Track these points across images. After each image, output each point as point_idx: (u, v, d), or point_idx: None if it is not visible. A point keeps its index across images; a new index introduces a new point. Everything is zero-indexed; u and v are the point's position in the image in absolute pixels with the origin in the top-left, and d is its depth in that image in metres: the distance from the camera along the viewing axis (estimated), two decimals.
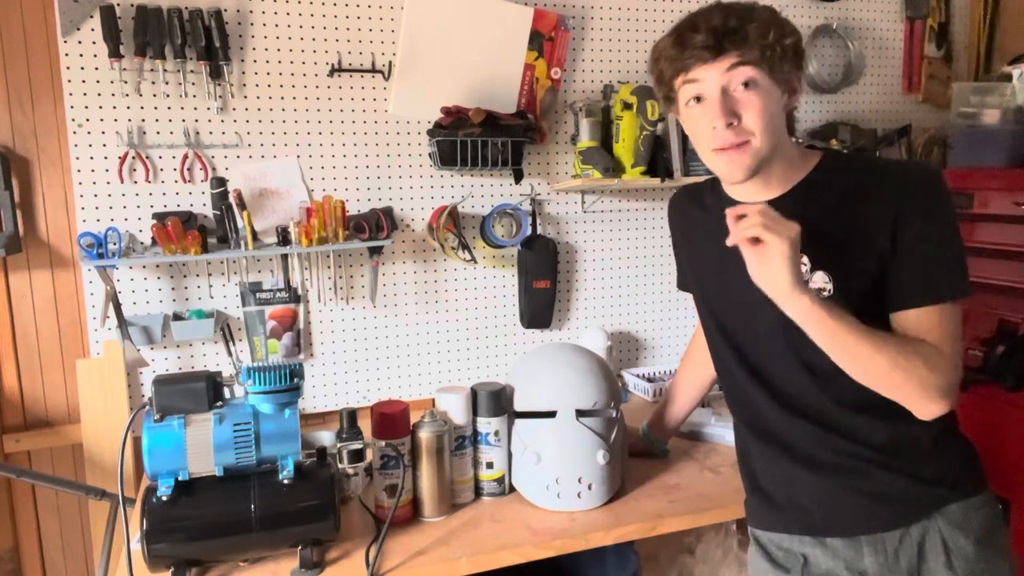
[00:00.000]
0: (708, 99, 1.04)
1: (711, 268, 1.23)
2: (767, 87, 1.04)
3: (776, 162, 1.08)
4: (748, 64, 1.02)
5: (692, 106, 1.07)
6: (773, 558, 1.17)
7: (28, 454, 1.80)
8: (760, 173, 1.07)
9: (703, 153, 1.10)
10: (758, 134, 1.03)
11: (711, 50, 1.01)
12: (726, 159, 1.05)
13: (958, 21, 2.51)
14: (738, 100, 1.03)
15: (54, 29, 1.68)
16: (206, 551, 1.20)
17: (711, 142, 1.06)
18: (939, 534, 1.08)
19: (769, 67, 1.03)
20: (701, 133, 1.07)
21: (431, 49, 1.93)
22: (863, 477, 1.10)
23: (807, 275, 1.07)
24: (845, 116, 2.39)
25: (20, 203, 1.73)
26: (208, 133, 1.80)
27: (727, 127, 1.03)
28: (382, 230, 1.86)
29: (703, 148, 1.09)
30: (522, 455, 1.44)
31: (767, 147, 1.04)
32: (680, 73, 1.06)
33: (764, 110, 1.03)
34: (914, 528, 1.08)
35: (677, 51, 1.05)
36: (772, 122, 1.04)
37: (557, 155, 2.11)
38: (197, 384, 1.19)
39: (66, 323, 1.79)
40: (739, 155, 1.04)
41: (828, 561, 1.11)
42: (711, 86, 1.03)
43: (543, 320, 2.11)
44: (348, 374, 1.98)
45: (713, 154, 1.07)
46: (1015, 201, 1.93)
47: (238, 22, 1.80)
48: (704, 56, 1.02)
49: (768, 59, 1.02)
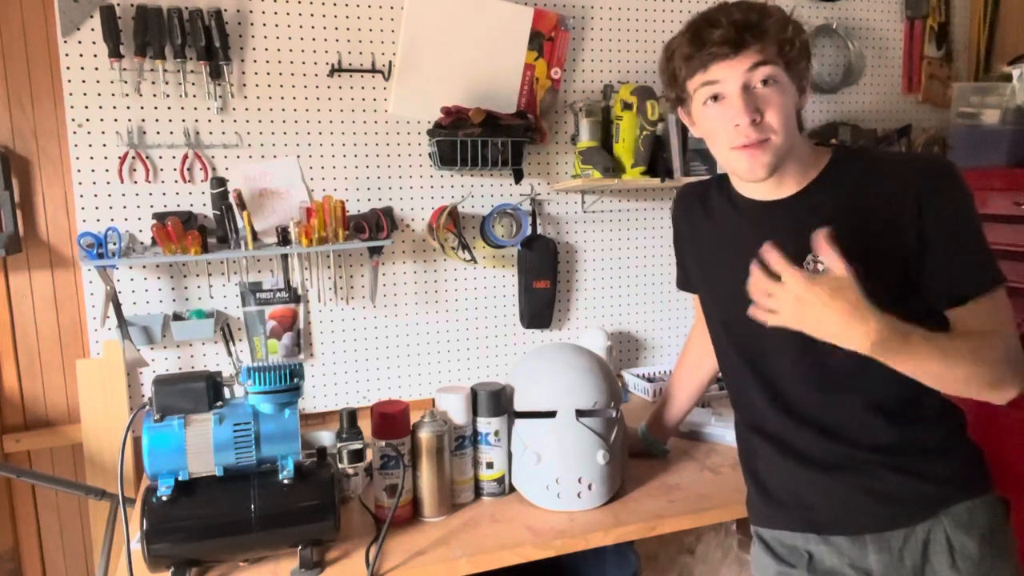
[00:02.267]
0: (729, 97, 1.03)
1: (716, 267, 1.23)
2: (786, 84, 1.04)
3: (790, 160, 1.08)
4: (769, 63, 1.01)
5: (710, 106, 1.06)
6: (777, 554, 1.17)
7: (28, 454, 1.80)
8: (775, 171, 1.07)
9: (721, 152, 1.09)
10: (779, 131, 1.03)
11: (731, 44, 1.00)
12: (747, 156, 1.04)
13: (958, 21, 2.51)
14: (759, 97, 1.02)
15: (54, 29, 1.68)
16: (206, 551, 1.20)
17: (732, 140, 1.04)
18: (944, 534, 1.07)
19: (786, 64, 1.03)
20: (720, 131, 1.06)
21: (431, 49, 1.93)
22: (871, 477, 1.09)
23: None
24: (845, 116, 2.39)
25: (20, 203, 1.73)
26: (208, 133, 1.80)
27: (751, 124, 1.02)
28: (382, 230, 1.86)
29: (721, 147, 1.08)
30: (522, 455, 1.44)
31: (786, 145, 1.04)
32: (697, 72, 1.04)
33: (784, 107, 1.03)
34: (919, 527, 1.08)
35: (694, 48, 1.03)
36: (790, 119, 1.04)
37: (557, 155, 2.11)
38: (197, 384, 1.19)
39: (66, 323, 1.79)
40: (760, 153, 1.04)
41: (833, 559, 1.11)
42: (732, 84, 1.02)
43: (543, 320, 2.11)
44: (348, 374, 1.98)
45: (734, 152, 1.06)
46: (1015, 201, 1.93)
47: (238, 22, 1.80)
48: (724, 51, 1.01)
49: (786, 55, 1.02)
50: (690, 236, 1.32)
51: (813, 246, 0.94)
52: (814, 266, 1.06)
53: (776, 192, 1.11)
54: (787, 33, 1.02)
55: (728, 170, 1.13)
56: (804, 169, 1.10)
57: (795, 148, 1.07)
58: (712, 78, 1.03)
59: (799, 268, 0.92)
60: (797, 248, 1.08)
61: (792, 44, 1.02)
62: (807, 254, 1.07)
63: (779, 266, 0.92)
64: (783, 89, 1.03)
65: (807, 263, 1.08)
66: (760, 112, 1.02)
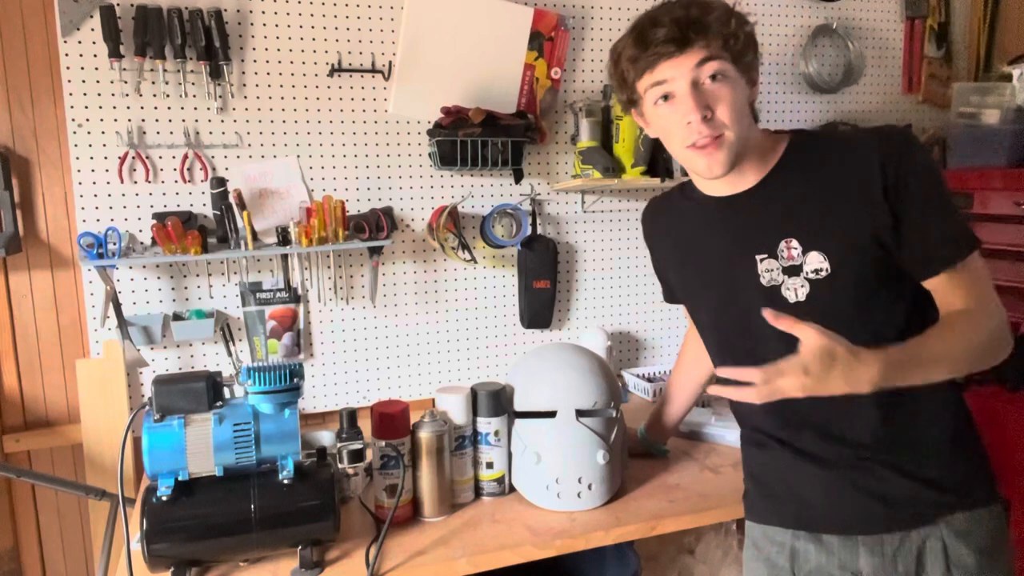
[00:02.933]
0: (679, 95, 1.03)
1: (693, 271, 1.23)
2: (734, 78, 1.04)
3: (748, 152, 1.08)
4: (715, 58, 1.01)
5: (660, 105, 1.06)
6: (766, 556, 1.17)
7: (28, 454, 1.80)
8: (734, 166, 1.07)
9: (677, 151, 1.09)
10: (731, 126, 1.03)
11: (676, 43, 1.00)
12: (704, 155, 1.04)
13: (958, 21, 2.51)
14: (709, 93, 1.02)
15: (54, 29, 1.68)
16: (206, 551, 1.20)
17: (686, 138, 1.05)
18: (941, 542, 1.06)
19: (733, 57, 1.03)
20: (673, 131, 1.06)
21: (431, 49, 1.93)
22: (869, 475, 1.08)
23: (799, 258, 1.06)
24: (845, 116, 2.39)
25: (20, 203, 1.73)
26: (208, 133, 1.80)
27: (703, 120, 1.02)
28: (382, 230, 1.86)
29: (677, 146, 1.08)
30: (522, 455, 1.44)
31: (741, 138, 1.04)
32: (645, 72, 1.05)
33: (734, 101, 1.03)
34: (915, 533, 1.07)
35: (639, 49, 1.04)
36: (742, 112, 1.04)
37: (557, 155, 2.11)
38: (197, 384, 1.19)
39: (66, 323, 1.79)
40: (716, 150, 1.04)
41: (821, 558, 1.10)
42: (680, 83, 1.02)
43: (543, 320, 2.11)
44: (348, 374, 1.98)
45: (689, 152, 1.06)
46: (1015, 201, 1.93)
47: (238, 22, 1.80)
48: (669, 50, 1.01)
49: (732, 48, 1.02)
50: (664, 247, 1.32)
51: (777, 324, 0.92)
52: (788, 252, 1.07)
53: (738, 185, 1.11)
54: (731, 27, 1.02)
55: (687, 169, 1.13)
56: (763, 158, 1.10)
57: (751, 140, 1.07)
58: (660, 78, 1.03)
59: (791, 360, 0.90)
60: (766, 238, 1.09)
61: (736, 37, 1.02)
62: (779, 241, 1.08)
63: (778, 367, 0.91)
64: (732, 83, 1.03)
65: (780, 250, 1.08)
66: (711, 108, 1.02)
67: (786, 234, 1.07)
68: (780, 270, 1.08)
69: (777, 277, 1.08)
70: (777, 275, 1.08)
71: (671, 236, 1.28)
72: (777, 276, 1.08)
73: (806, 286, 1.06)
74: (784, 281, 1.08)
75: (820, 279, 1.05)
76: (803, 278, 1.06)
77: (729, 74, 1.03)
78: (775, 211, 1.09)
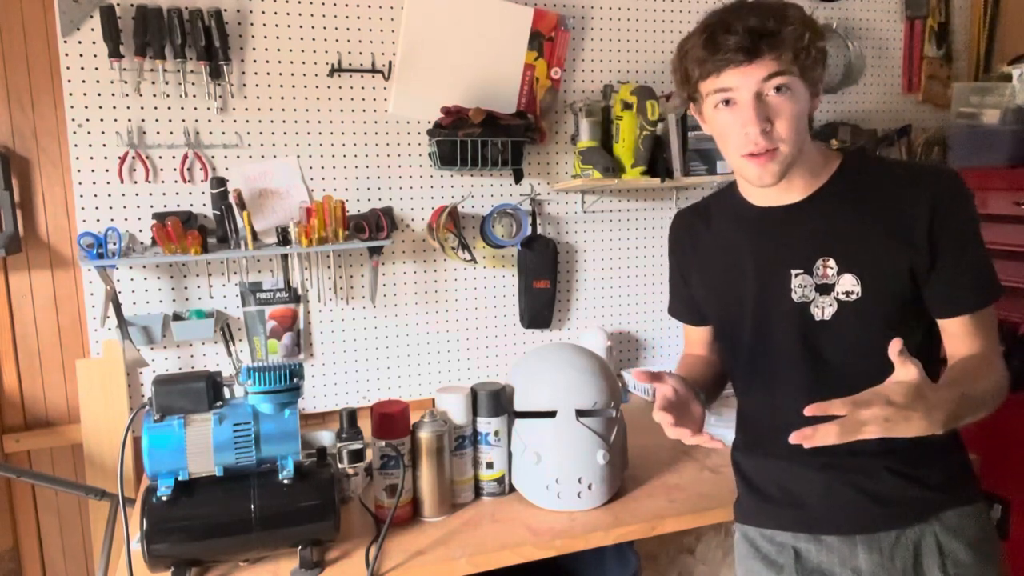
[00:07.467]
0: (741, 104, 1.02)
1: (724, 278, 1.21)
2: (799, 91, 1.02)
3: (799, 165, 1.07)
4: (784, 73, 0.99)
5: (720, 109, 1.05)
6: (765, 555, 1.17)
7: (28, 454, 1.80)
8: (784, 177, 1.06)
9: (731, 156, 1.08)
10: (788, 140, 1.02)
11: (746, 52, 0.98)
12: (757, 165, 1.04)
13: (958, 21, 2.51)
14: (771, 105, 1.01)
15: (54, 29, 1.68)
16: (206, 551, 1.20)
17: (742, 146, 1.04)
18: (935, 538, 1.09)
19: (801, 71, 1.01)
20: (730, 137, 1.05)
21: (431, 49, 1.93)
22: (866, 477, 1.10)
23: (833, 278, 1.08)
24: (845, 116, 2.39)
25: (20, 203, 1.73)
26: (208, 133, 1.80)
27: (761, 133, 1.01)
28: (382, 230, 1.86)
29: (732, 151, 1.07)
30: (522, 455, 1.44)
31: (794, 152, 1.04)
32: (710, 75, 1.03)
33: (795, 116, 1.02)
34: (910, 530, 1.10)
35: (708, 52, 1.01)
36: (801, 127, 1.04)
37: (557, 155, 2.11)
38: (197, 384, 1.19)
39: (66, 323, 1.79)
40: (769, 161, 1.03)
41: (822, 556, 1.12)
42: (744, 92, 1.01)
43: (543, 320, 2.11)
44: (348, 374, 1.98)
45: (743, 160, 1.05)
46: (1015, 201, 1.93)
47: (238, 22, 1.80)
48: (738, 59, 0.99)
49: (801, 63, 1.00)
50: (694, 256, 1.29)
51: (890, 355, 0.88)
52: (824, 271, 1.08)
53: (785, 197, 1.11)
54: (804, 41, 1.00)
55: (737, 173, 1.13)
56: (813, 174, 1.10)
57: (804, 153, 1.07)
58: (725, 85, 1.02)
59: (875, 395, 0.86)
60: (805, 253, 1.09)
61: (808, 52, 1.00)
62: (816, 259, 1.09)
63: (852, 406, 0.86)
64: (796, 97, 1.02)
65: (816, 267, 1.09)
66: (770, 121, 1.01)
67: (825, 252, 1.08)
68: (813, 287, 1.09)
69: (809, 294, 1.10)
70: (809, 291, 1.09)
71: (704, 244, 1.25)
72: (809, 293, 1.10)
73: (834, 306, 1.08)
74: (815, 299, 1.09)
75: (849, 301, 1.07)
76: (833, 298, 1.08)
77: (794, 87, 1.01)
78: (818, 229, 1.09)
